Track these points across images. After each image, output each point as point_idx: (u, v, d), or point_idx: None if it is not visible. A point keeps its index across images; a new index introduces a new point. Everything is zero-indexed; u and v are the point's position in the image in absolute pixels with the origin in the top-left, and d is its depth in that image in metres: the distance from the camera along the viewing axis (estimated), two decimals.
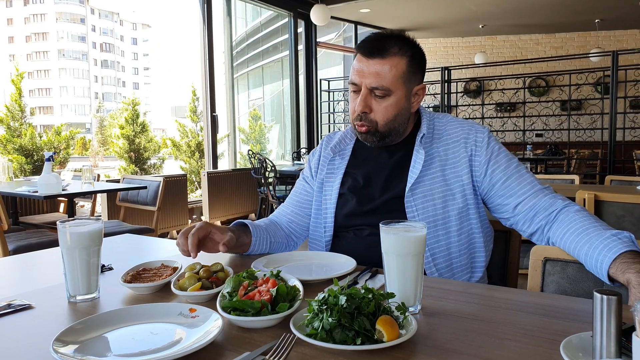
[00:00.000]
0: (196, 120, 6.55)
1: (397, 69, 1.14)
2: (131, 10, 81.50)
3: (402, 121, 1.19)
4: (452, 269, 1.16)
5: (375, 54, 1.14)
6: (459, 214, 1.15)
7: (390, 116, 1.17)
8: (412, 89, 1.19)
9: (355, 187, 1.24)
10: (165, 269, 1.01)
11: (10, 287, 1.02)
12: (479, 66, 7.35)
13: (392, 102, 1.16)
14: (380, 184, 1.22)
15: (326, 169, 1.30)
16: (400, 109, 1.17)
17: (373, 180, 1.23)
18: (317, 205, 1.29)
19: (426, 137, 1.21)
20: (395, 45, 1.15)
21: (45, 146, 5.22)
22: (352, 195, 1.23)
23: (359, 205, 1.22)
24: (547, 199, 1.11)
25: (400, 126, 1.20)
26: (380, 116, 1.16)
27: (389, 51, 1.14)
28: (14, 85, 5.08)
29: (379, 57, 1.14)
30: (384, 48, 1.14)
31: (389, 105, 1.16)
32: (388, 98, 1.15)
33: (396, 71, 1.14)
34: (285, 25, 7.20)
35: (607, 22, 8.33)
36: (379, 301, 0.71)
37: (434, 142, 1.21)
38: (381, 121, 1.17)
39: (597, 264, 0.93)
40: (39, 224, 3.76)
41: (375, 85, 1.14)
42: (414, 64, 1.17)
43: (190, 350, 0.64)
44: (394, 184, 1.20)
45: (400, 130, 1.21)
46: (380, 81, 1.13)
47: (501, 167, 1.16)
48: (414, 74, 1.18)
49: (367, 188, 1.22)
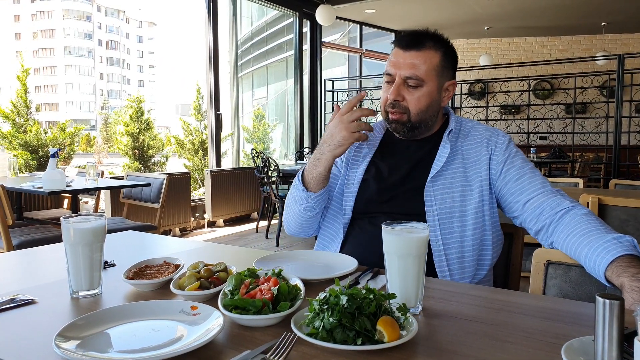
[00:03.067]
0: (200, 119, 6.55)
1: (431, 62, 1.20)
2: (137, 8, 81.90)
3: (432, 113, 1.24)
4: (462, 263, 1.17)
5: (411, 47, 1.20)
6: (475, 209, 1.18)
7: (423, 106, 1.21)
8: (444, 83, 1.24)
9: (378, 176, 1.27)
10: (168, 266, 1.01)
11: (14, 281, 1.03)
12: (483, 68, 7.34)
13: (424, 92, 1.20)
14: (403, 175, 1.25)
15: (353, 152, 1.33)
16: (432, 101, 1.22)
17: (397, 171, 1.26)
18: (339, 189, 1.31)
19: (453, 132, 1.25)
20: (430, 41, 1.21)
21: (50, 142, 5.24)
22: (374, 183, 1.26)
23: (379, 193, 1.24)
24: (555, 199, 1.13)
25: (430, 119, 1.24)
26: (413, 105, 1.21)
27: (424, 45, 1.20)
28: (19, 81, 5.09)
29: (415, 49, 1.19)
30: (420, 42, 1.20)
31: (422, 95, 1.20)
32: (420, 89, 1.20)
33: (430, 64, 1.19)
34: (291, 25, 7.20)
35: (613, 25, 8.29)
36: (380, 302, 0.71)
37: (460, 139, 1.25)
38: (414, 110, 1.21)
39: (594, 266, 0.94)
40: (43, 219, 3.78)
41: (409, 75, 1.19)
42: (447, 60, 1.23)
43: (191, 347, 0.64)
44: (416, 175, 1.23)
45: (429, 124, 1.25)
46: (415, 71, 1.18)
47: (516, 167, 1.20)
48: (446, 69, 1.23)
49: (390, 177, 1.26)
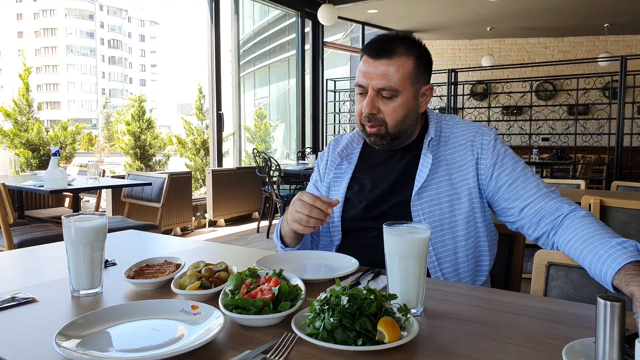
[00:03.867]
0: (202, 118, 6.56)
1: (404, 69, 1.13)
2: (139, 7, 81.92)
3: (411, 122, 1.18)
4: (458, 274, 1.15)
5: (381, 55, 1.13)
6: (466, 218, 1.14)
7: (400, 117, 1.15)
8: (420, 89, 1.18)
9: (362, 192, 1.23)
10: (169, 265, 1.01)
11: (15, 280, 1.03)
12: (486, 69, 7.33)
13: (400, 102, 1.14)
14: (387, 189, 1.20)
15: (333, 172, 1.29)
16: (408, 110, 1.16)
17: (380, 184, 1.22)
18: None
19: (433, 140, 1.19)
20: (401, 46, 1.14)
21: (51, 141, 5.25)
22: (358, 200, 1.22)
23: (365, 210, 1.21)
24: (553, 203, 1.09)
25: (409, 128, 1.19)
26: (389, 117, 1.15)
27: (395, 52, 1.13)
28: (21, 80, 5.10)
29: (386, 57, 1.13)
30: (390, 49, 1.13)
31: (397, 106, 1.14)
32: (396, 99, 1.14)
33: (403, 71, 1.13)
34: (293, 25, 7.21)
35: (616, 26, 8.27)
36: (381, 302, 0.71)
37: (441, 146, 1.19)
38: (391, 122, 1.15)
39: (601, 274, 0.91)
40: (44, 218, 3.78)
41: (383, 86, 1.13)
42: (420, 65, 1.16)
43: (192, 347, 0.64)
44: (401, 188, 1.19)
45: (408, 132, 1.20)
46: (388, 82, 1.12)
47: (507, 170, 1.14)
48: (421, 74, 1.17)
49: (374, 193, 1.21)
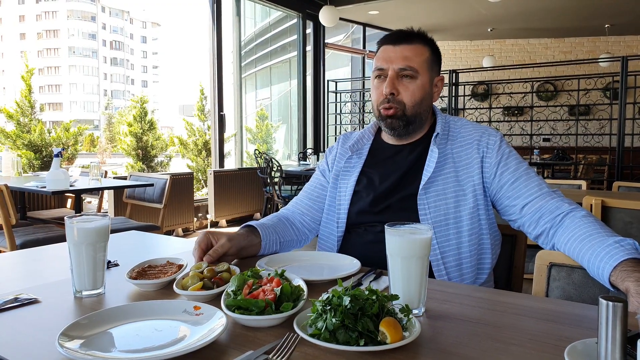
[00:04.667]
0: (204, 119, 6.57)
1: (423, 55, 1.23)
2: (141, 8, 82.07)
3: (426, 108, 1.25)
4: (460, 269, 1.16)
5: (402, 42, 1.22)
6: (471, 214, 1.16)
7: (417, 98, 1.22)
8: (434, 78, 1.26)
9: (370, 186, 1.25)
10: (171, 266, 1.01)
11: (17, 281, 1.03)
12: (487, 69, 7.33)
13: (418, 84, 1.21)
14: (394, 182, 1.23)
15: (342, 164, 1.32)
16: (425, 94, 1.23)
17: (388, 178, 1.24)
18: (330, 201, 1.30)
19: (441, 136, 1.23)
20: (418, 37, 1.25)
21: (54, 142, 5.26)
22: (366, 193, 1.25)
23: (372, 203, 1.23)
24: (553, 202, 1.11)
25: (424, 113, 1.25)
26: (407, 97, 1.21)
27: (414, 40, 1.23)
28: (24, 81, 5.12)
29: (406, 43, 1.22)
30: (409, 37, 1.24)
31: (416, 87, 1.21)
32: (415, 80, 1.21)
33: (422, 56, 1.22)
34: (294, 26, 7.21)
35: (617, 27, 8.26)
36: (383, 303, 0.71)
37: (448, 143, 1.23)
38: (409, 102, 1.21)
39: (598, 272, 0.93)
40: (47, 219, 3.79)
41: (403, 66, 1.20)
42: (434, 55, 1.26)
43: (194, 347, 0.65)
44: (408, 182, 1.22)
45: (423, 119, 1.25)
46: (409, 62, 1.20)
47: (510, 169, 1.17)
48: (435, 64, 1.26)
49: (382, 186, 1.24)
